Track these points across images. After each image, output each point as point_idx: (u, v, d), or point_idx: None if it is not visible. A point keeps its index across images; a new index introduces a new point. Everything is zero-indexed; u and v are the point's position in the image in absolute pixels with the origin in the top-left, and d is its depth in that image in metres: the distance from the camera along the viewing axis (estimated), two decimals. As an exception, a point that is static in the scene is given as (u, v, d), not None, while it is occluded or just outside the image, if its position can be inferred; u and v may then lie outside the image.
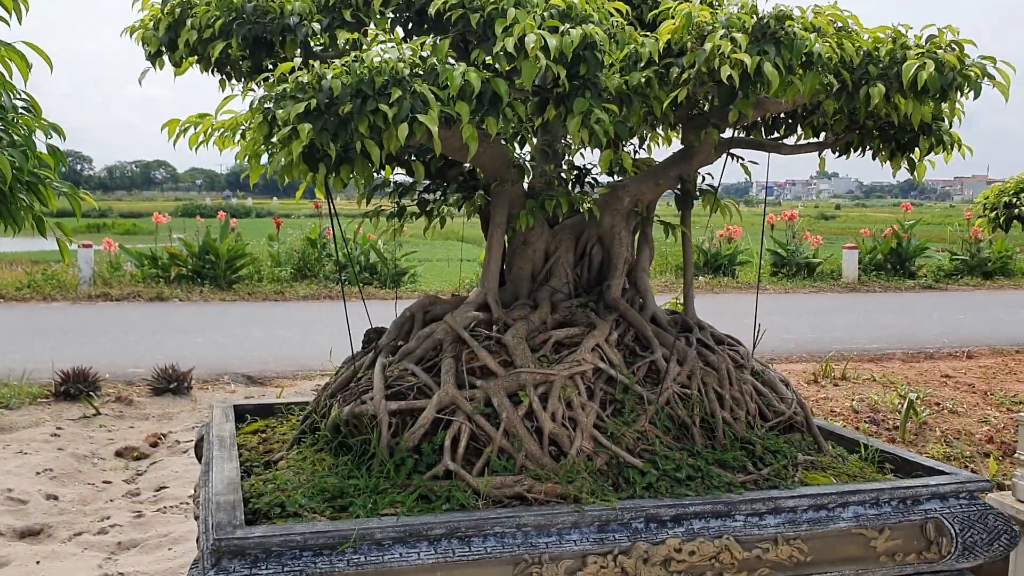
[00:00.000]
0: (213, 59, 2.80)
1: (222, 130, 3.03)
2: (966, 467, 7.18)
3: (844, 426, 7.54)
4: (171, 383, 7.74)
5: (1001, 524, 2.75)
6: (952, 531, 2.68)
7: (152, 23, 2.88)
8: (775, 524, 2.58)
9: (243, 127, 3.02)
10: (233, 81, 3.05)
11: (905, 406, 7.68)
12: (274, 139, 2.27)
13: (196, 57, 2.93)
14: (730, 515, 2.55)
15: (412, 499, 2.43)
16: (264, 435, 3.33)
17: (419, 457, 2.63)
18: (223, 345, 10.51)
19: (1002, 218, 4.76)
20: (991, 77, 2.45)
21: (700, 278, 17.13)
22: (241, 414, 3.54)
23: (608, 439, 2.69)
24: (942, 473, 2.87)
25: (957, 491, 2.76)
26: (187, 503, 5.57)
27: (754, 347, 3.33)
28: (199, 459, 3.41)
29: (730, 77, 2.28)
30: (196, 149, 3.24)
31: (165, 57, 2.97)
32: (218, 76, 3.03)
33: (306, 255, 16.45)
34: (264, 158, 2.83)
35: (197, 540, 2.97)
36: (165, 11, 2.82)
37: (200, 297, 14.52)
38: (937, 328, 12.88)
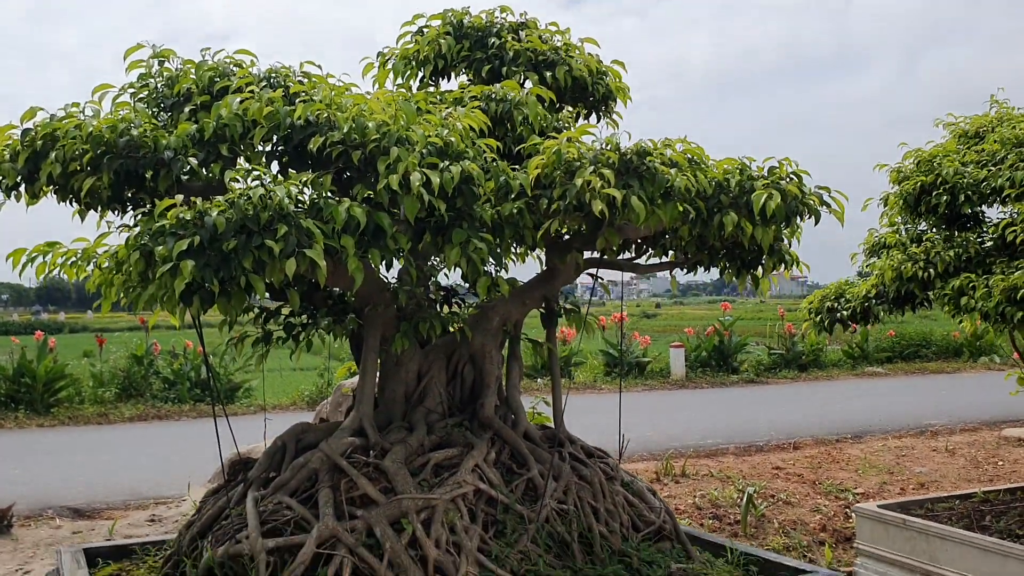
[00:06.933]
0: (83, 194, 2.72)
1: (74, 259, 2.95)
2: (805, 556, 7.53)
3: (690, 524, 7.77)
4: (-11, 522, 7.10)
5: (861, 617, 2.91)
6: (819, 628, 2.82)
7: (9, 155, 2.76)
8: (657, 636, 2.64)
9: (95, 256, 2.95)
10: (92, 212, 2.96)
11: (744, 501, 8.01)
12: (154, 275, 2.22)
13: (54, 187, 2.83)
14: (614, 632, 2.59)
15: (299, 642, 2.35)
16: (121, 580, 3.13)
17: (301, 595, 2.54)
18: (45, 475, 9.76)
19: (826, 321, 5.16)
20: (828, 205, 2.71)
21: (539, 380, 17.42)
22: (92, 557, 3.32)
23: (493, 562, 2.70)
24: (804, 572, 3.03)
25: (819, 589, 2.91)
26: (14, 657, 5.07)
27: (620, 457, 3.44)
28: (46, 611, 3.16)
29: (601, 211, 2.43)
30: (43, 278, 3.12)
31: (22, 188, 2.85)
32: (76, 206, 2.93)
33: (132, 373, 15.60)
34: (116, 286, 2.76)
35: None
36: (25, 143, 2.72)
37: (15, 424, 13.47)
38: (764, 421, 13.55)
